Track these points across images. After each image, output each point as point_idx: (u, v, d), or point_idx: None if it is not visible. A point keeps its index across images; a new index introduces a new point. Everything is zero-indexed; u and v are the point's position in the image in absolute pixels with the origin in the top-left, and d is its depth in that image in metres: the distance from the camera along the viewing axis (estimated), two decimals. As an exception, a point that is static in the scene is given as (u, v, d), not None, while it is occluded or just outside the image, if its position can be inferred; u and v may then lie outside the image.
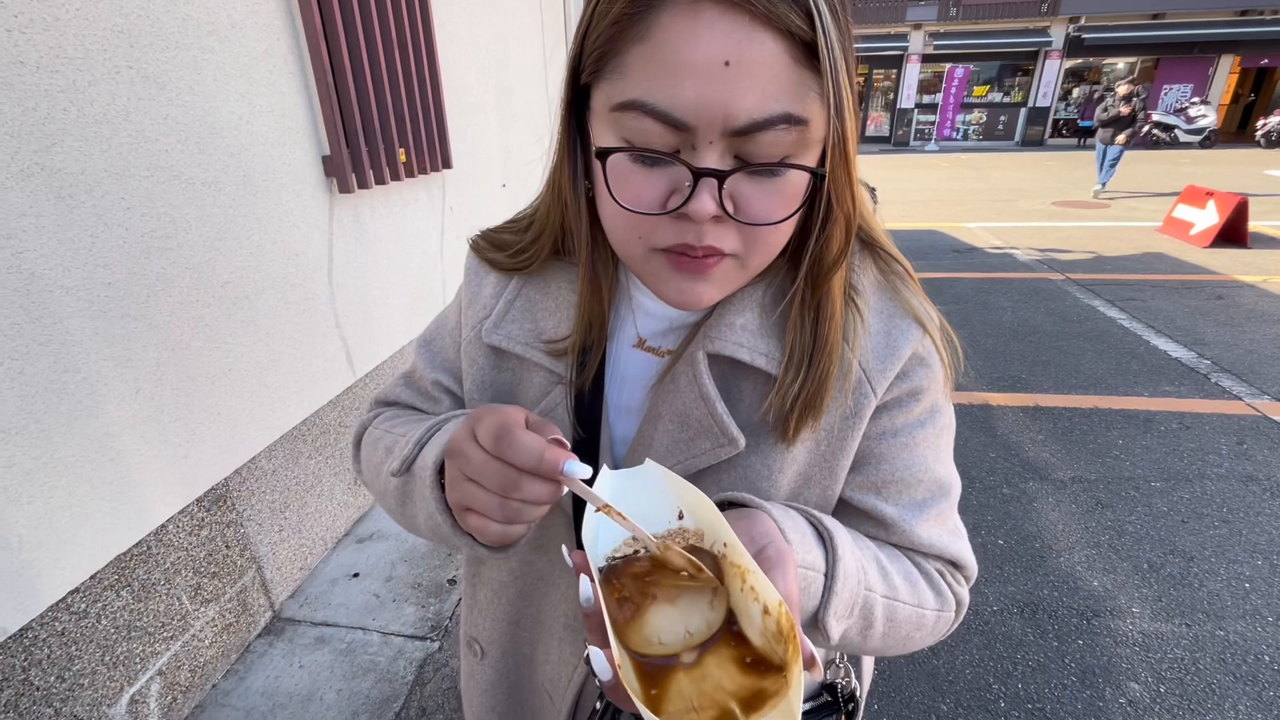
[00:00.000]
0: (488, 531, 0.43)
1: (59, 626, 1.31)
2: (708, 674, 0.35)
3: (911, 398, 0.52)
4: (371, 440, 0.62)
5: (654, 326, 0.56)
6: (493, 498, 0.41)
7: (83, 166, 1.29)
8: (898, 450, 0.52)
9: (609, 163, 0.42)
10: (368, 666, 1.79)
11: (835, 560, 0.46)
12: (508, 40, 3.39)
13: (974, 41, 16.75)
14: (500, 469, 0.41)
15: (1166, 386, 3.41)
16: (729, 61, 0.36)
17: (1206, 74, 16.77)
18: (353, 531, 2.33)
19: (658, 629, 0.37)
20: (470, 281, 0.62)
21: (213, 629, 1.71)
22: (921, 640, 0.54)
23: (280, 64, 1.80)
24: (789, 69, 0.38)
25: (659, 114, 0.38)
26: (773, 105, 0.38)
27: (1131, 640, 1.88)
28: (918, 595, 0.52)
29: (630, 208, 0.42)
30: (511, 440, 0.40)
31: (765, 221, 0.42)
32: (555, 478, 0.40)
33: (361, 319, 2.27)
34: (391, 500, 0.56)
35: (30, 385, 1.22)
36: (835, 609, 0.46)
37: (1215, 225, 6.10)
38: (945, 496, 0.55)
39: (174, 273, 1.51)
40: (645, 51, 0.38)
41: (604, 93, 0.42)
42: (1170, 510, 2.44)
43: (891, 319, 0.51)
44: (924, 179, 11.41)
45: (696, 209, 0.40)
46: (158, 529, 1.52)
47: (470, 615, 0.69)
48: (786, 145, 0.40)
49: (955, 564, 0.56)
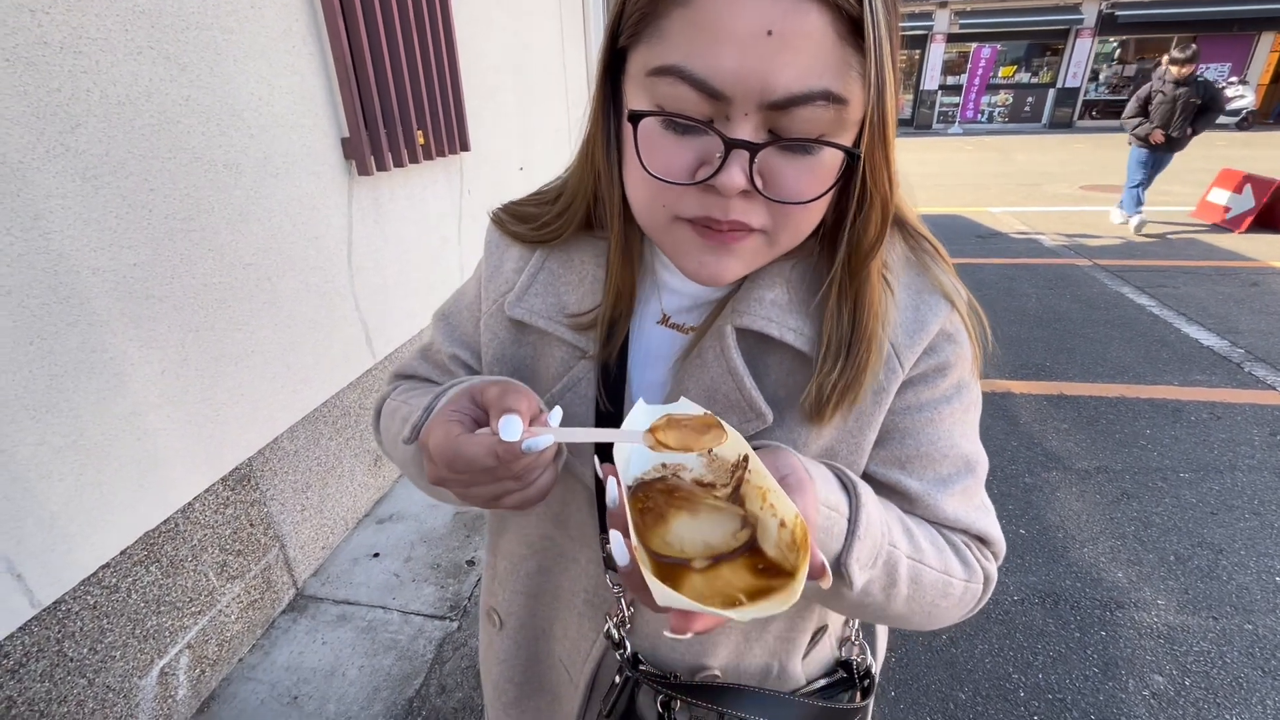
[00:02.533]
0: (520, 504, 0.44)
1: (91, 600, 1.35)
2: (720, 575, 0.37)
3: (938, 373, 0.52)
4: (389, 411, 0.63)
5: (678, 303, 0.55)
6: (500, 484, 0.43)
7: (107, 148, 1.30)
8: (923, 425, 0.52)
9: (640, 127, 0.41)
10: (389, 644, 1.82)
11: (858, 507, 0.46)
12: (526, 22, 3.35)
13: (1002, 20, 16.25)
14: (476, 475, 0.42)
15: (1197, 375, 3.32)
16: (771, 31, 0.35)
17: (1246, 52, 16.14)
18: (373, 512, 2.36)
19: (679, 536, 0.39)
20: (491, 255, 0.61)
21: (238, 605, 1.75)
22: (948, 611, 0.53)
23: (299, 44, 1.80)
24: (833, 44, 0.37)
25: (695, 81, 0.37)
26: (813, 80, 0.37)
27: (1156, 632, 1.85)
28: (944, 562, 0.52)
29: (659, 175, 0.41)
30: (462, 460, 0.41)
31: (795, 200, 0.41)
32: (517, 458, 0.40)
33: (380, 301, 2.28)
34: (412, 467, 0.57)
35: (59, 364, 1.25)
36: (858, 554, 0.45)
37: (1251, 210, 5.90)
38: (971, 472, 0.54)
39: (197, 254, 1.52)
40: (686, 15, 0.37)
41: (641, 56, 0.41)
42: (1199, 501, 2.38)
43: (920, 294, 0.51)
44: (947, 162, 11.16)
45: (725, 181, 0.39)
46: (184, 507, 1.55)
47: (490, 585, 0.70)
48: (824, 123, 0.38)
49: (983, 540, 0.56)
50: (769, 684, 0.60)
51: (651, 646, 0.59)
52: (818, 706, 0.58)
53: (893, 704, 1.67)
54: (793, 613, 0.58)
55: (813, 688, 0.62)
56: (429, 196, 2.55)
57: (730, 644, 0.58)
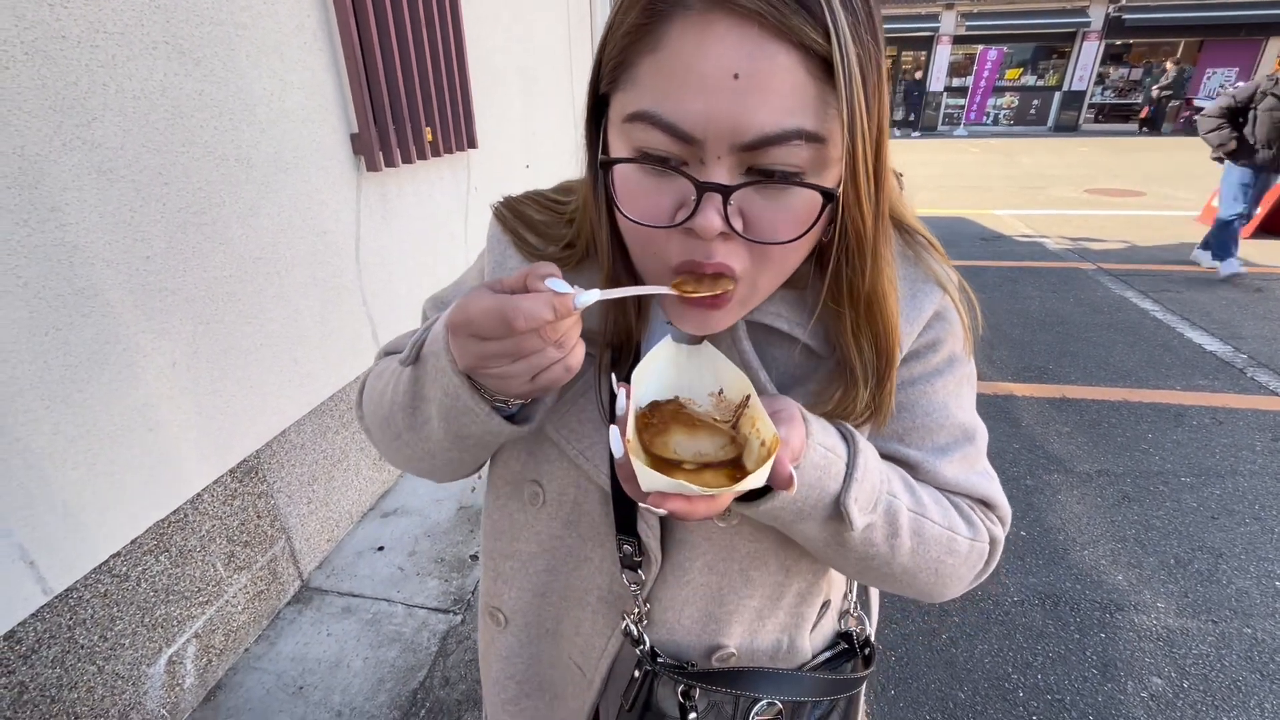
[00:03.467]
0: (561, 375, 0.43)
1: (101, 588, 1.36)
2: (703, 476, 0.42)
3: (930, 349, 0.54)
4: (375, 374, 0.61)
5: None
6: (545, 353, 0.40)
7: (122, 141, 1.31)
8: (917, 398, 0.54)
9: (617, 173, 0.42)
10: (393, 636, 1.83)
11: (855, 451, 0.48)
12: (533, 21, 3.36)
13: (1008, 22, 16.20)
14: (528, 336, 0.39)
15: (1200, 380, 3.33)
16: (738, 74, 0.36)
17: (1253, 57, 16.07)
18: (377, 506, 2.38)
19: (675, 443, 0.45)
20: (494, 250, 0.61)
21: (245, 595, 1.77)
22: (955, 569, 0.55)
23: (311, 40, 1.81)
24: (805, 84, 0.36)
25: (666, 125, 0.38)
26: (785, 121, 0.37)
27: (1155, 635, 1.86)
28: (948, 518, 0.53)
29: (638, 220, 0.42)
30: (523, 314, 0.38)
31: (774, 240, 0.41)
32: (569, 313, 0.39)
33: (387, 296, 2.29)
34: (400, 416, 0.53)
35: (74, 355, 1.26)
36: (856, 495, 0.47)
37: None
38: (970, 441, 0.56)
39: (208, 247, 1.53)
40: (655, 62, 0.38)
41: (619, 103, 0.41)
42: (1200, 506, 2.39)
43: (915, 283, 0.53)
44: (951, 164, 11.15)
45: (702, 224, 0.39)
46: (194, 497, 1.57)
47: (494, 586, 0.69)
48: (801, 162, 0.38)
49: (986, 504, 0.57)
50: (779, 661, 0.61)
51: (669, 634, 0.60)
52: (826, 679, 0.60)
53: (892, 703, 1.68)
54: (804, 587, 0.60)
55: (817, 661, 0.64)
56: (436, 193, 2.56)
57: (744, 622, 0.59)
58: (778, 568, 0.58)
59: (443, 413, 0.49)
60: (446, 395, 0.47)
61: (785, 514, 0.48)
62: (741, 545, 0.57)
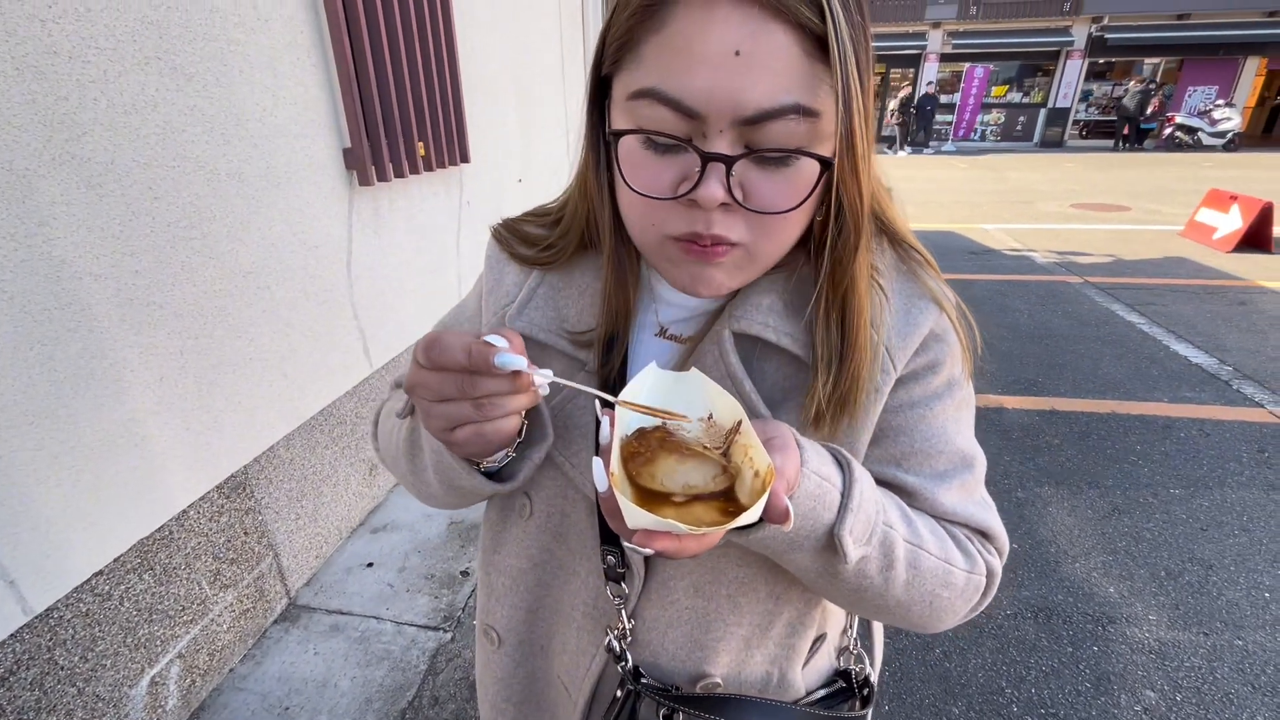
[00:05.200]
0: (473, 439, 0.44)
1: (83, 607, 1.34)
2: (693, 511, 0.40)
3: (929, 371, 0.53)
4: (386, 412, 0.64)
5: (675, 315, 0.57)
6: (460, 404, 0.42)
7: (112, 156, 1.31)
8: (915, 422, 0.53)
9: (622, 146, 0.43)
10: (381, 655, 1.81)
11: (851, 480, 0.47)
12: (527, 36, 3.39)
13: (994, 41, 16.51)
14: (449, 377, 0.42)
15: (1186, 392, 3.36)
16: (739, 51, 0.38)
17: (1232, 76, 16.45)
18: (367, 521, 2.36)
19: (662, 472, 0.42)
20: (491, 269, 0.62)
21: (231, 614, 1.74)
22: (951, 603, 0.53)
23: (304, 56, 1.82)
24: (800, 61, 0.38)
25: (671, 101, 0.40)
26: (782, 96, 0.39)
27: (1147, 647, 1.86)
28: (944, 550, 0.52)
29: (642, 191, 0.43)
30: (438, 347, 0.41)
31: (773, 210, 0.43)
32: (493, 371, 0.40)
33: (378, 311, 2.29)
34: (404, 460, 0.57)
35: (59, 371, 1.25)
36: (851, 527, 0.45)
37: (1239, 230, 5.99)
38: (969, 468, 0.55)
39: (197, 262, 1.53)
40: (660, 41, 0.40)
41: (623, 82, 0.43)
42: (1189, 517, 2.41)
43: (910, 299, 0.53)
44: (941, 179, 11.29)
45: (705, 194, 0.41)
46: (179, 514, 1.55)
47: (487, 603, 0.69)
48: (798, 137, 0.40)
49: (985, 534, 0.56)
50: (769, 693, 0.59)
51: (653, 657, 0.58)
52: (820, 715, 0.59)
53: (887, 717, 1.67)
54: (794, 617, 0.59)
55: (812, 698, 0.62)
56: (428, 207, 2.57)
57: (731, 651, 0.58)
58: (767, 595, 0.57)
59: (434, 465, 0.52)
60: (433, 451, 0.51)
61: (776, 544, 0.46)
62: (729, 570, 0.55)
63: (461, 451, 0.46)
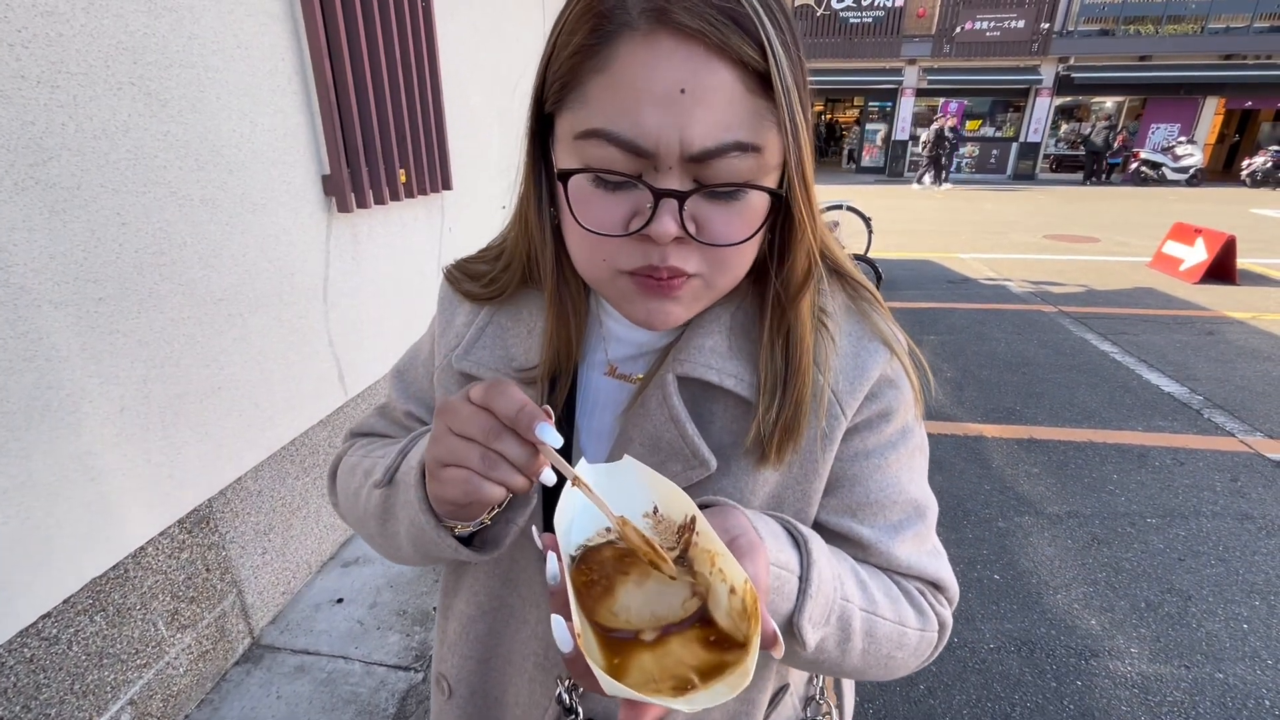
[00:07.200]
0: (458, 484, 0.42)
1: (28, 653, 1.26)
2: (670, 651, 0.35)
3: (882, 419, 0.52)
4: (348, 468, 0.62)
5: (624, 352, 0.56)
6: (473, 447, 0.41)
7: (79, 181, 1.28)
8: (870, 472, 0.53)
9: (571, 185, 0.43)
10: (348, 698, 1.73)
11: (810, 564, 0.46)
12: (510, 63, 3.43)
13: (967, 78, 17.12)
14: (485, 418, 0.41)
15: (1160, 421, 3.42)
16: (684, 89, 0.38)
17: (1193, 114, 17.18)
18: (338, 555, 2.28)
19: (624, 606, 0.38)
20: (443, 311, 0.63)
21: (188, 656, 1.65)
22: (903, 662, 0.53)
23: (284, 83, 1.81)
24: (743, 97, 0.39)
25: (621, 142, 0.39)
26: (724, 134, 0.39)
27: (1130, 682, 1.84)
28: (899, 612, 0.52)
29: (594, 230, 0.43)
30: (501, 390, 0.41)
31: (726, 242, 0.43)
32: (530, 435, 0.40)
33: (355, 339, 2.25)
34: (372, 522, 0.56)
35: (12, 403, 1.19)
36: (810, 613, 0.45)
37: (1204, 262, 6.20)
38: (922, 518, 0.55)
39: (166, 289, 1.49)
40: (605, 81, 0.39)
41: (567, 121, 0.42)
42: (1167, 547, 2.42)
43: (860, 341, 0.52)
44: (918, 210, 11.56)
45: (658, 230, 0.41)
46: (136, 551, 1.48)
47: (440, 650, 0.67)
48: (744, 171, 0.41)
49: (936, 585, 0.56)
50: None
51: (604, 709, 0.57)
52: None
53: (871, 759, 1.63)
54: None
55: None
56: (409, 234, 2.55)
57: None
58: None
59: (410, 536, 0.51)
60: (413, 525, 0.49)
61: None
62: None
63: (438, 490, 0.44)
